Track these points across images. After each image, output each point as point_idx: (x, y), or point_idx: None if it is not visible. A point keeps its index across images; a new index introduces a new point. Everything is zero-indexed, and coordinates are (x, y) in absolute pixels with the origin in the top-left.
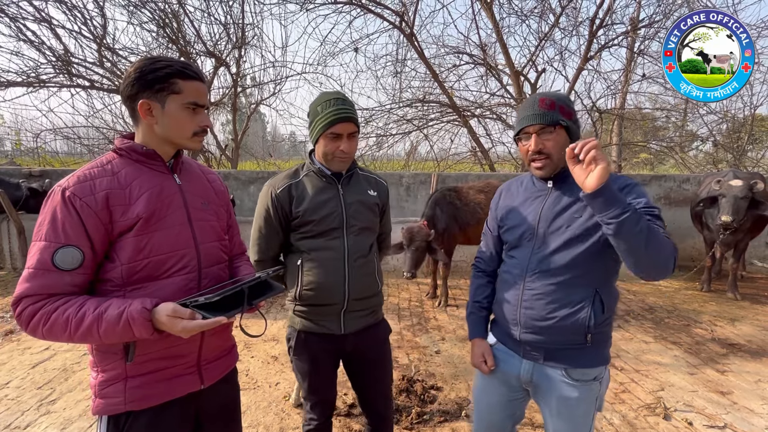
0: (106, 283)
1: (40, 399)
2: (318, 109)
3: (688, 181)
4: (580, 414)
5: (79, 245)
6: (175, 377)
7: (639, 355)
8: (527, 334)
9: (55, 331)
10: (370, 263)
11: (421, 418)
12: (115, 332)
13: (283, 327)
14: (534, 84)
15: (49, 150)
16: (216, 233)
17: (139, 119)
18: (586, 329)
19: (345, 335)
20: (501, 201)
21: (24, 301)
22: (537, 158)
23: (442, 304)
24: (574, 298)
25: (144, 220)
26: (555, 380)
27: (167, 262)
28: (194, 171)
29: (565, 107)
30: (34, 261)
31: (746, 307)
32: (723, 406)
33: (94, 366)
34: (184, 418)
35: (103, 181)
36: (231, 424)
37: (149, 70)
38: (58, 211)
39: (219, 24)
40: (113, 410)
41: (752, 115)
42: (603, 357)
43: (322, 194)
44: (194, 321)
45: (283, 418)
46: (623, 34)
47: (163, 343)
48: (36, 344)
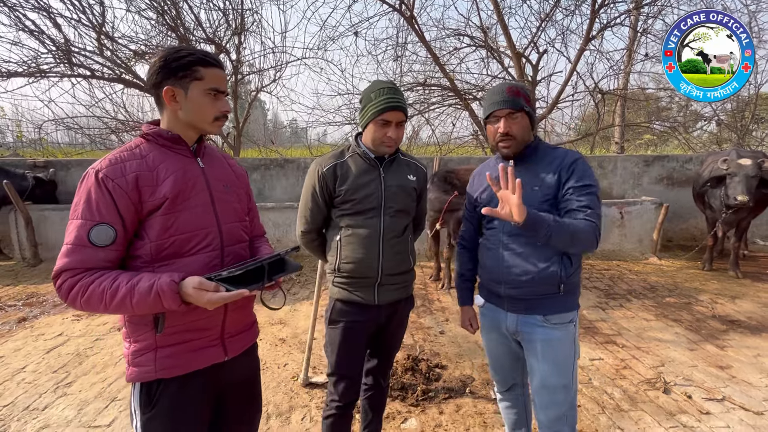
0: (137, 260)
1: (57, 382)
2: (371, 96)
3: (691, 161)
4: (563, 355)
5: (111, 223)
6: (201, 349)
7: (640, 333)
8: (510, 289)
9: (92, 302)
10: (404, 243)
11: (426, 395)
12: (147, 303)
13: (290, 311)
14: (536, 65)
15: (51, 141)
16: (237, 214)
17: (164, 106)
18: (558, 279)
19: (379, 306)
20: (474, 185)
21: (63, 275)
22: (504, 139)
23: (446, 286)
24: (546, 254)
25: (170, 201)
26: (536, 326)
27: (192, 240)
28: (216, 155)
29: (527, 96)
30: (72, 237)
31: (747, 285)
32: (722, 379)
33: (127, 337)
34: (208, 387)
35: (133, 163)
36: (252, 398)
37: (173, 59)
38: (92, 191)
39: (218, 10)
40: (145, 377)
41: (756, 94)
42: (574, 302)
43: (365, 176)
44: (218, 293)
45: (292, 397)
46: (626, 13)
47: (189, 317)
48: (49, 330)
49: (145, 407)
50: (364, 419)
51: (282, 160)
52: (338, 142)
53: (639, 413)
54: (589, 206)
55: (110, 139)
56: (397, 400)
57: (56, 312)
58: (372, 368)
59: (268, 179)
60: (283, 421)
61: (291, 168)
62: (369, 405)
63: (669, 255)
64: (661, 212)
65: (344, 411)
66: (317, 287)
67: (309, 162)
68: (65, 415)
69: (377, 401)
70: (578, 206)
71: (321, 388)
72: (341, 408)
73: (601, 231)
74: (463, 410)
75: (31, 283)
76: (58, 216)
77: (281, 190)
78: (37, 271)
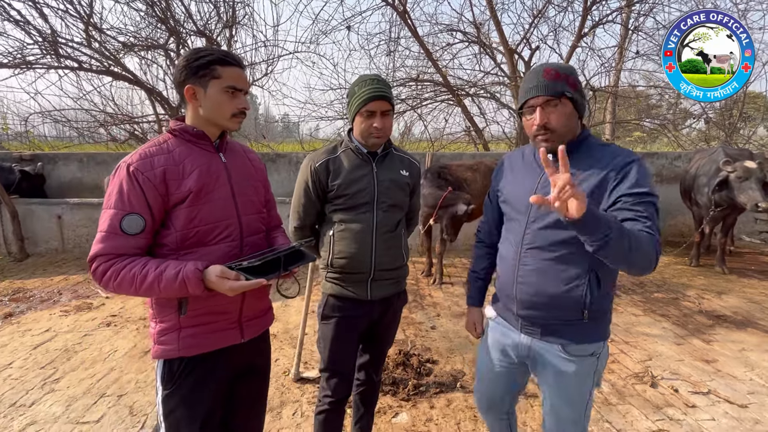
0: (163, 248)
1: (44, 378)
2: (355, 89)
3: (680, 158)
4: (577, 389)
5: (141, 213)
6: (220, 330)
7: (629, 328)
8: (524, 309)
9: (124, 285)
10: (397, 238)
11: (417, 389)
12: (173, 288)
13: (280, 306)
14: (528, 62)
15: (37, 134)
16: (255, 207)
17: (187, 103)
18: (582, 305)
19: (372, 301)
20: (500, 173)
21: (98, 260)
22: (541, 134)
23: (437, 282)
24: (570, 274)
25: (195, 194)
26: (552, 355)
27: (214, 230)
28: (237, 150)
29: (571, 77)
30: (105, 225)
31: (733, 281)
32: (708, 373)
33: (153, 317)
34: (226, 367)
35: (161, 158)
36: (265, 379)
37: (194, 59)
38: (124, 183)
39: (209, 2)
40: (169, 355)
41: (744, 93)
42: (601, 333)
43: (357, 171)
44: (239, 282)
45: (283, 392)
46: (617, 10)
47: (210, 301)
48: (36, 326)
49: (167, 383)
50: (356, 414)
51: (274, 154)
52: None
53: (627, 407)
54: (649, 217)
55: (98, 132)
56: (389, 395)
57: (43, 307)
58: (364, 363)
59: None
60: (275, 416)
61: (283, 163)
62: (361, 400)
63: None
64: None
65: (337, 406)
66: (309, 282)
67: (301, 157)
68: (53, 411)
69: (369, 396)
70: (636, 215)
71: (312, 383)
72: (334, 403)
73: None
74: (453, 404)
75: (17, 278)
76: (45, 211)
77: (273, 184)
78: (24, 265)
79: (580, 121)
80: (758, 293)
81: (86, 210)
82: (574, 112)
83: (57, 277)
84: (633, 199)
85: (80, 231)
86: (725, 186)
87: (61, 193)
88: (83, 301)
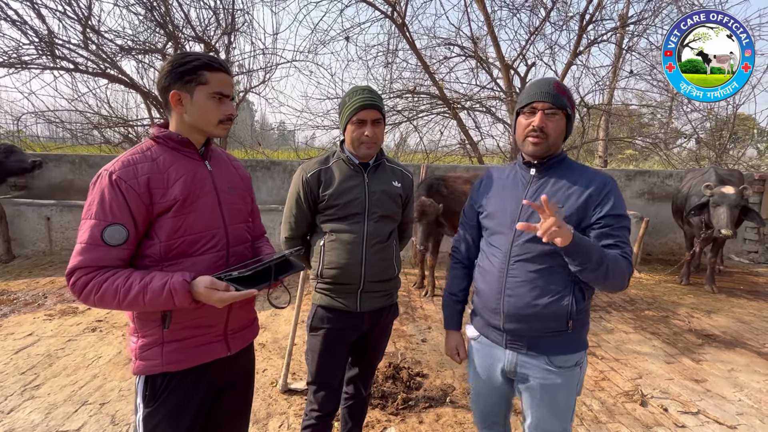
0: (146, 259)
1: (24, 384)
2: (346, 99)
3: (671, 177)
4: (563, 400)
5: (124, 223)
6: (205, 344)
7: (619, 345)
8: (511, 323)
9: (106, 299)
10: (388, 249)
11: (406, 403)
12: (159, 301)
13: (269, 315)
14: (524, 78)
15: (30, 134)
16: (242, 216)
17: (171, 109)
18: (568, 315)
19: (361, 313)
20: (482, 188)
21: (77, 273)
22: (535, 135)
23: (429, 294)
24: (556, 286)
25: (180, 203)
26: (539, 368)
27: (200, 240)
28: (222, 158)
29: (571, 98)
30: (86, 237)
31: (722, 300)
32: (697, 393)
33: (135, 332)
34: (210, 382)
35: (145, 166)
36: (248, 391)
37: (179, 64)
38: (106, 192)
39: (208, 9)
40: (151, 371)
41: (734, 114)
42: (583, 342)
43: (349, 181)
44: (229, 293)
45: (270, 404)
46: (612, 30)
47: (195, 313)
48: (19, 330)
49: (149, 401)
50: (344, 428)
51: (268, 162)
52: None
53: (616, 425)
54: (626, 242)
55: (92, 134)
56: (377, 408)
57: (27, 311)
58: (353, 377)
59: (254, 181)
60: (261, 428)
61: (277, 170)
62: (349, 414)
63: (648, 269)
64: (641, 226)
65: (324, 421)
66: (299, 292)
67: (295, 165)
68: (32, 419)
69: (358, 410)
70: (617, 241)
71: (300, 395)
72: (321, 418)
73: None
74: (443, 420)
75: (2, 280)
76: (33, 212)
77: (267, 192)
78: (10, 267)
79: (564, 141)
80: (747, 313)
81: (76, 212)
82: (564, 130)
83: (43, 279)
84: (615, 223)
85: (69, 233)
86: (705, 207)
87: (51, 195)
88: (68, 305)
